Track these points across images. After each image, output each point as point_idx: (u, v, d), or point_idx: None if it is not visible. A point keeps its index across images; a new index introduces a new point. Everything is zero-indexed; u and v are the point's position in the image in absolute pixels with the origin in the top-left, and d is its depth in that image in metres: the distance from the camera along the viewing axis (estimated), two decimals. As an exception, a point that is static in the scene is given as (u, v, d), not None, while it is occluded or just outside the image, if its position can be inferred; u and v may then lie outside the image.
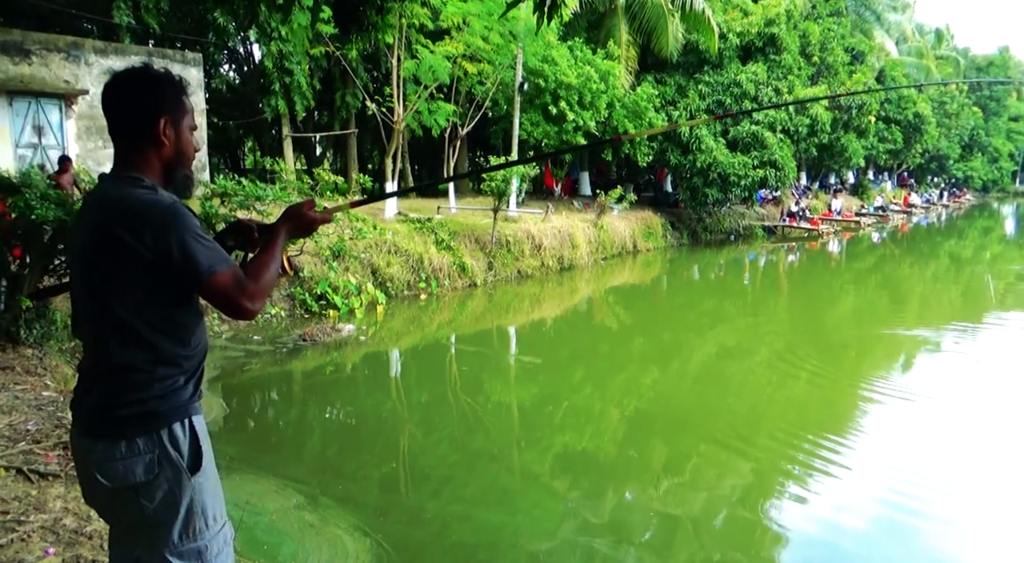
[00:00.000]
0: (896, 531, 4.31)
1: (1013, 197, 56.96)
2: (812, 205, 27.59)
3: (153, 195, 1.58)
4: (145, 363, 1.60)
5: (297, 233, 1.87)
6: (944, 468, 5.19)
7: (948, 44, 49.70)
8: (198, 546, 1.64)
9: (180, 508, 1.61)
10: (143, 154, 1.64)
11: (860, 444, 5.66)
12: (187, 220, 1.56)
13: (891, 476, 5.00)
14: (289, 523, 3.93)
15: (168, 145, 1.66)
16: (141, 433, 1.59)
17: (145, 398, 1.59)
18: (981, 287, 15.20)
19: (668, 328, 10.79)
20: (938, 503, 4.62)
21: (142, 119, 1.63)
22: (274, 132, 20.52)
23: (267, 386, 7.25)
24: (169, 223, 1.53)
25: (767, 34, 20.02)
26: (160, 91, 1.66)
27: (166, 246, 1.52)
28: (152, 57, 13.93)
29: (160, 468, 1.59)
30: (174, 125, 1.66)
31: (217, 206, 9.04)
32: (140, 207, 1.54)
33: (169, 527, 1.61)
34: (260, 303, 1.61)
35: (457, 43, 13.84)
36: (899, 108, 30.48)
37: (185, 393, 1.65)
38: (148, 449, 1.59)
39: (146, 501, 1.59)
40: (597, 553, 4.05)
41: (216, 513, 1.69)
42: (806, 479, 4.94)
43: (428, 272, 11.54)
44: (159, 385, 1.61)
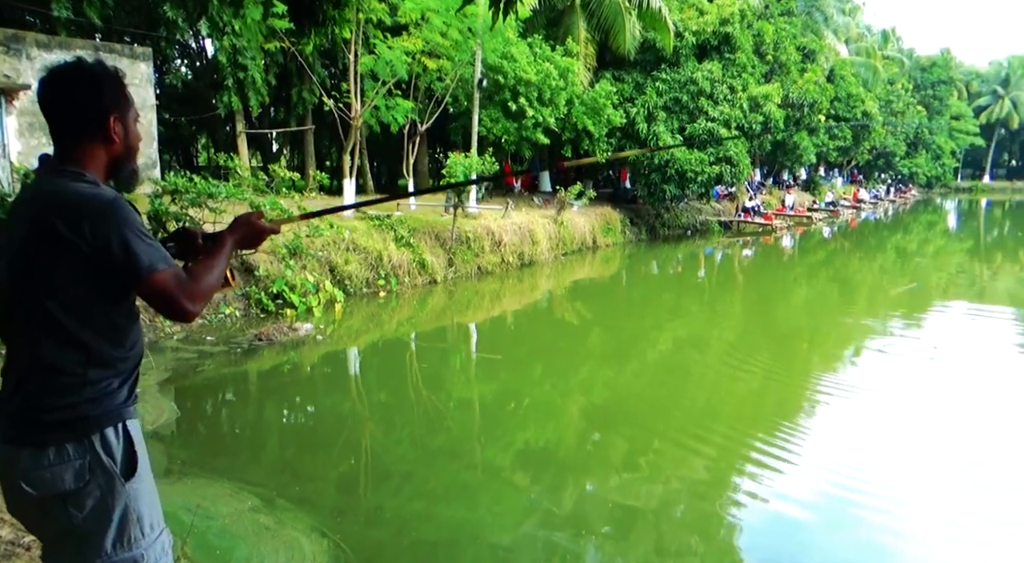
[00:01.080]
0: (842, 520, 4.44)
1: (955, 193, 59.26)
2: (766, 201, 28.26)
3: (94, 189, 1.54)
4: (77, 364, 1.54)
5: (245, 243, 1.83)
6: (888, 459, 5.35)
7: (894, 45, 51.37)
8: (133, 555, 1.59)
9: (113, 516, 1.56)
10: (88, 150, 1.61)
11: (811, 436, 5.82)
12: (129, 215, 1.52)
13: (839, 467, 5.14)
14: (243, 527, 3.86)
15: (118, 141, 1.64)
16: (70, 439, 1.53)
17: (76, 402, 1.53)
18: (926, 279, 15.77)
19: (627, 323, 10.92)
20: (882, 493, 4.77)
21: (90, 116, 1.60)
22: (228, 128, 20.08)
23: (221, 387, 7.09)
24: (110, 217, 1.49)
25: (722, 33, 20.39)
26: (106, 87, 1.63)
27: (106, 241, 1.48)
28: (99, 51, 13.46)
29: (91, 475, 1.53)
30: (122, 121, 1.65)
31: (168, 204, 8.82)
32: (80, 200, 1.50)
33: (101, 536, 1.55)
34: (200, 305, 1.56)
35: (415, 39, 13.73)
36: (848, 107, 31.38)
37: (119, 397, 1.60)
38: (78, 455, 1.53)
39: (75, 510, 1.53)
40: (558, 546, 4.08)
41: (153, 521, 1.63)
42: (759, 471, 5.06)
43: (387, 269, 11.44)
44: (91, 388, 1.55)
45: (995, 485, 4.91)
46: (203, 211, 8.92)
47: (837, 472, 5.03)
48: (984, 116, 59.83)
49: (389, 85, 13.86)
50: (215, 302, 9.10)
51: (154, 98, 14.78)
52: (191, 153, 25.30)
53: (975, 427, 6.00)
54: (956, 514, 4.48)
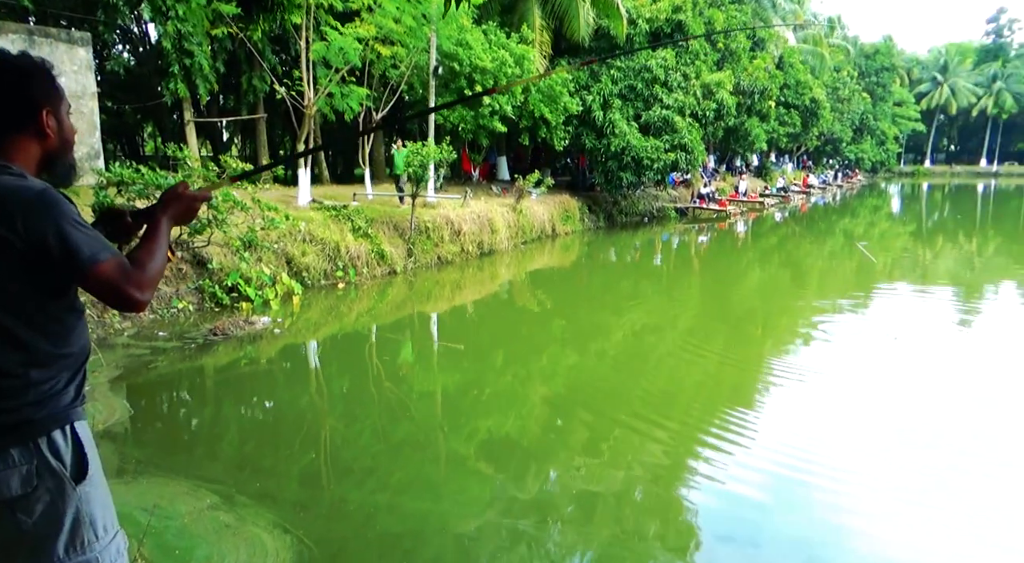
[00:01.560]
0: (796, 499, 4.60)
1: (898, 177, 61.43)
2: (720, 187, 28.80)
3: (22, 181, 1.48)
4: (18, 366, 1.48)
5: (180, 218, 1.74)
6: (840, 440, 5.55)
7: (840, 32, 52.71)
8: (87, 558, 1.56)
9: (64, 520, 1.52)
10: (19, 144, 1.56)
11: (765, 418, 5.99)
12: (63, 206, 1.47)
13: (792, 449, 5.31)
14: (203, 525, 3.78)
15: (52, 136, 1.59)
16: (15, 443, 1.48)
17: (18, 405, 1.48)
18: (871, 261, 16.33)
19: (587, 310, 11.03)
20: (834, 473, 4.95)
21: (21, 112, 1.55)
22: (176, 117, 19.46)
23: (176, 384, 6.91)
24: (43, 210, 1.44)
25: (675, 20, 20.59)
26: (37, 82, 1.58)
27: (41, 234, 1.42)
28: (33, 35, 12.85)
29: (39, 479, 1.49)
30: (55, 114, 1.60)
31: (114, 196, 8.52)
32: (8, 194, 1.44)
33: (52, 541, 1.52)
34: (149, 293, 1.50)
35: (368, 25, 13.49)
36: (797, 94, 32.14)
37: (65, 397, 1.55)
38: (24, 460, 1.48)
39: (24, 516, 1.49)
40: (522, 533, 4.12)
41: (106, 523, 1.60)
42: (716, 453, 5.19)
43: (345, 261, 11.30)
44: (34, 390, 1.50)
45: (945, 463, 5.15)
46: (151, 203, 8.63)
47: (791, 453, 5.19)
48: (924, 102, 62.12)
49: (343, 72, 13.60)
50: (167, 296, 8.85)
51: (95, 85, 14.20)
52: (137, 142, 24.41)
53: (925, 407, 6.26)
54: (907, 492, 4.67)
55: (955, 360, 7.77)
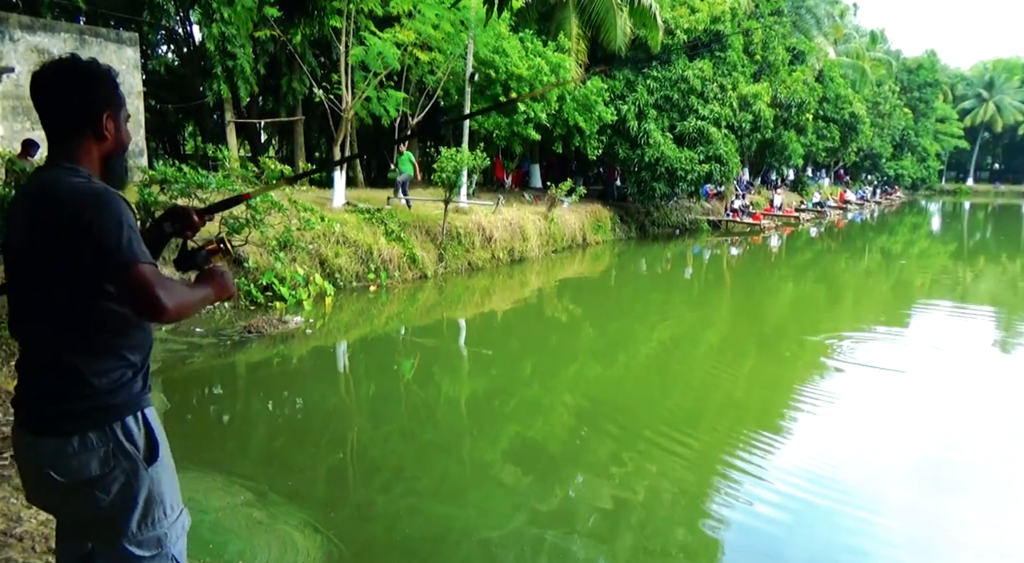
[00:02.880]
0: (822, 522, 4.50)
1: (939, 195, 59.96)
2: (754, 201, 28.44)
3: (87, 183, 1.59)
4: (92, 357, 1.60)
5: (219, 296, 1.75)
6: (868, 467, 5.41)
7: (882, 46, 51.79)
8: (157, 534, 1.67)
9: (138, 499, 1.63)
10: (83, 146, 1.65)
11: (793, 438, 5.88)
12: (120, 207, 1.55)
13: (821, 469, 5.20)
14: (236, 521, 3.84)
15: (110, 139, 1.69)
16: (92, 428, 1.59)
17: (94, 393, 1.59)
18: (910, 281, 15.97)
19: (616, 321, 10.97)
20: (861, 497, 4.85)
21: (85, 114, 1.65)
22: (216, 117, 19.90)
23: (210, 380, 7.05)
24: (101, 209, 1.52)
25: (713, 31, 20.45)
26: (103, 87, 1.68)
27: (98, 231, 1.51)
28: (84, 35, 13.27)
29: (115, 461, 1.61)
30: (115, 119, 1.69)
31: (157, 193, 8.73)
32: (76, 194, 1.55)
33: (127, 518, 1.63)
34: (175, 308, 1.51)
35: (407, 31, 13.65)
36: (836, 108, 31.63)
37: (134, 386, 1.66)
38: (101, 443, 1.60)
39: (102, 494, 1.60)
40: (545, 543, 4.11)
41: (173, 502, 1.72)
42: (743, 471, 5.11)
43: (378, 263, 11.41)
44: (107, 379, 1.60)
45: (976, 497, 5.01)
46: (192, 201, 8.83)
47: (816, 477, 5.08)
48: (968, 119, 60.64)
49: (381, 77, 13.77)
50: (203, 293, 9.02)
51: (141, 85, 14.59)
52: (178, 141, 25.01)
53: (958, 436, 6.08)
54: (936, 523, 4.55)
55: (994, 388, 7.55)
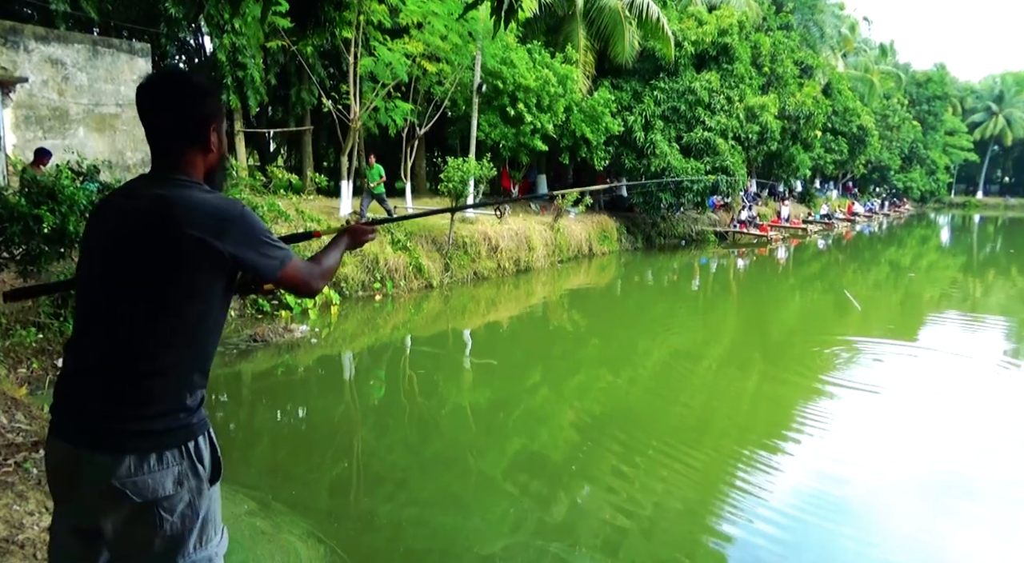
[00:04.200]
0: (828, 539, 4.46)
1: (948, 208, 59.65)
2: (762, 212, 28.38)
3: (225, 199, 1.65)
4: (187, 374, 1.60)
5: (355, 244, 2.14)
6: (874, 482, 5.36)
7: (890, 59, 51.79)
8: (208, 554, 1.67)
9: (198, 518, 1.63)
10: (190, 158, 1.69)
11: (800, 451, 5.83)
12: (257, 220, 1.66)
13: (825, 488, 5.16)
14: (240, 530, 3.83)
15: (215, 152, 1.74)
16: (171, 446, 1.58)
17: (179, 410, 1.59)
18: (919, 294, 15.87)
19: (622, 332, 10.94)
20: (867, 516, 4.79)
21: (198, 127, 1.69)
22: (225, 127, 20.01)
23: (216, 388, 7.05)
24: (248, 225, 1.61)
25: (720, 43, 20.50)
26: (212, 100, 1.73)
27: (244, 248, 1.59)
28: (97, 46, 13.42)
29: (186, 480, 1.60)
30: (219, 132, 1.74)
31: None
32: (219, 210, 1.59)
33: (187, 537, 1.62)
34: (323, 283, 1.85)
35: (416, 42, 13.74)
36: (845, 120, 31.60)
37: (203, 408, 1.68)
38: (176, 461, 1.58)
39: (167, 514, 1.58)
40: (550, 555, 4.07)
41: (219, 521, 1.72)
42: (748, 485, 5.06)
43: (384, 273, 11.43)
44: (192, 396, 1.62)
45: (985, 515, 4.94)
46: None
47: (823, 492, 5.04)
48: (978, 132, 60.41)
49: (389, 87, 13.86)
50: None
51: (152, 95, 14.71)
52: (188, 150, 25.16)
53: (969, 448, 6.02)
54: (940, 539, 4.50)
55: (1004, 404, 7.47)
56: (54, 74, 12.63)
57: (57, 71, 12.71)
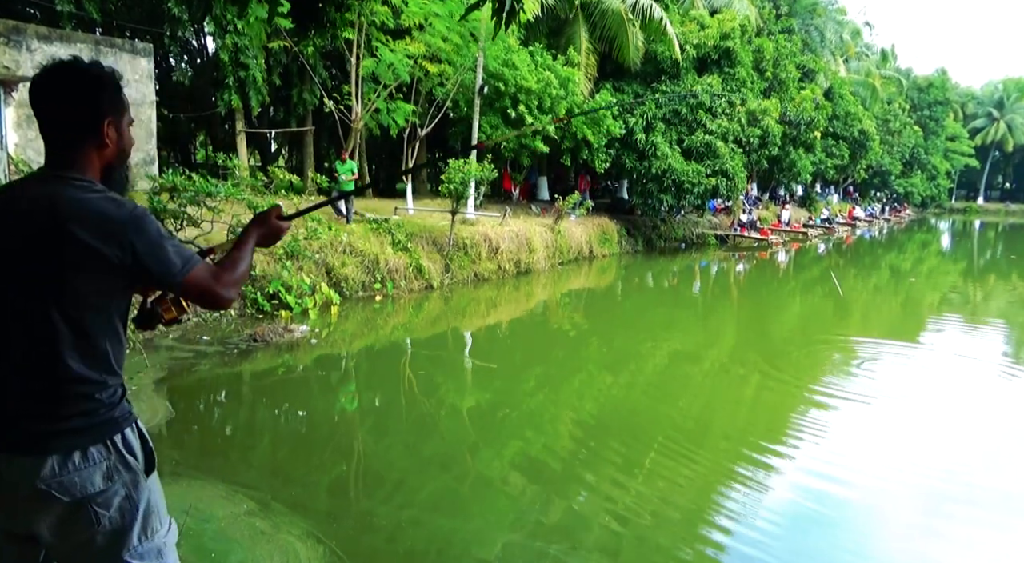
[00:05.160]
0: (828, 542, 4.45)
1: (949, 213, 59.67)
2: (762, 216, 28.39)
3: (114, 200, 1.55)
4: (98, 371, 1.57)
5: (266, 240, 1.87)
6: (877, 481, 5.36)
7: (892, 64, 51.82)
8: (156, 544, 1.66)
9: (139, 510, 1.62)
10: (83, 153, 1.59)
11: (800, 454, 5.82)
12: (154, 222, 1.57)
13: (826, 489, 5.16)
14: (239, 530, 3.82)
15: (111, 146, 1.63)
16: (95, 441, 1.56)
17: (96, 407, 1.57)
18: (919, 299, 15.87)
19: (622, 335, 10.93)
20: (869, 516, 4.79)
21: (86, 120, 1.59)
22: (227, 127, 20.06)
23: (216, 388, 7.05)
24: (138, 227, 1.52)
25: (722, 47, 20.53)
26: (105, 92, 1.61)
27: (138, 251, 1.51)
28: (100, 45, 13.44)
29: (118, 474, 1.58)
30: (117, 126, 1.63)
31: (166, 201, 8.78)
32: (105, 212, 1.51)
33: (129, 530, 1.61)
34: (235, 292, 1.65)
35: (418, 43, 13.76)
36: (846, 125, 31.61)
37: (125, 401, 1.66)
38: (103, 457, 1.57)
39: (103, 509, 1.57)
40: (549, 557, 4.07)
41: (164, 512, 1.71)
42: (749, 487, 5.06)
43: (384, 273, 11.43)
44: (108, 392, 1.59)
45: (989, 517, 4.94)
46: (201, 210, 8.89)
47: (824, 492, 5.04)
48: (979, 138, 60.40)
49: (391, 88, 13.87)
50: (210, 301, 9.06)
51: (154, 94, 14.75)
52: (189, 150, 25.24)
53: (971, 453, 6.02)
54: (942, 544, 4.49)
55: (1007, 410, 7.46)
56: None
57: (59, 70, 12.71)
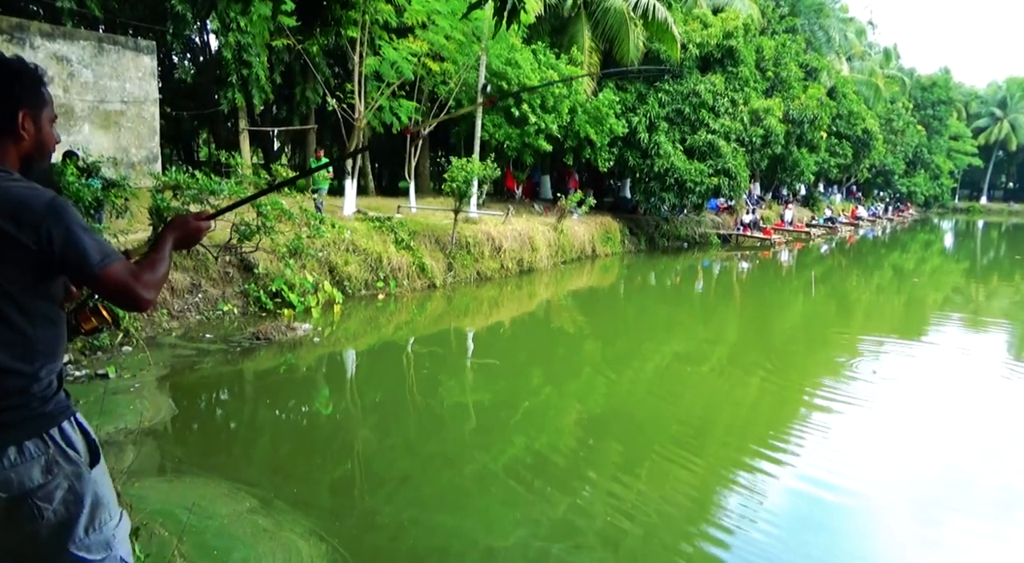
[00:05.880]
0: (831, 542, 4.45)
1: (952, 213, 59.52)
2: (765, 215, 28.34)
3: (33, 188, 1.54)
4: (27, 363, 1.55)
5: (183, 243, 1.85)
6: (881, 480, 5.36)
7: (895, 63, 51.70)
8: (105, 536, 1.64)
9: (84, 503, 1.60)
10: (1, 146, 1.59)
11: (804, 451, 5.82)
12: (73, 212, 1.55)
13: (829, 487, 5.15)
14: (241, 527, 3.83)
15: (28, 139, 1.62)
16: (30, 436, 1.55)
17: (27, 401, 1.55)
18: (923, 298, 15.83)
19: (624, 333, 10.93)
20: (874, 515, 4.78)
21: (4, 113, 1.58)
22: (230, 125, 20.07)
23: (218, 386, 7.06)
24: (55, 217, 1.51)
25: (725, 46, 20.49)
26: (18, 84, 1.61)
27: (54, 239, 1.49)
28: (103, 43, 13.46)
29: (58, 467, 1.57)
30: (34, 119, 1.63)
31: (169, 199, 8.80)
32: (22, 199, 1.50)
33: (74, 523, 1.59)
34: (154, 293, 1.60)
35: (421, 41, 13.76)
36: (849, 124, 31.54)
37: (61, 394, 1.64)
38: (40, 451, 1.56)
39: (44, 503, 1.56)
40: (550, 556, 4.07)
41: (113, 504, 1.69)
42: (752, 485, 5.07)
43: (387, 272, 11.43)
44: (39, 386, 1.57)
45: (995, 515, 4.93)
46: (205, 207, 8.89)
47: (827, 491, 5.04)
48: (983, 137, 60.24)
49: (394, 86, 13.87)
50: (214, 298, 9.08)
51: (157, 92, 14.76)
52: (192, 148, 25.26)
53: (976, 454, 6.01)
54: (946, 546, 4.48)
55: (1008, 404, 7.45)
56: (60, 71, 12.66)
57: (63, 68, 12.74)
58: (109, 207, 7.68)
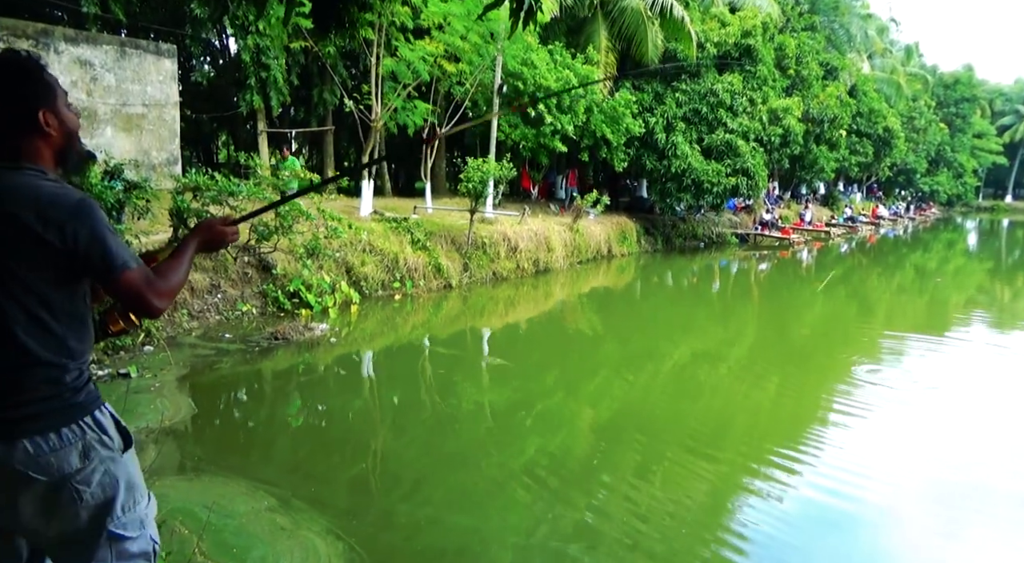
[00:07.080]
0: (851, 549, 4.39)
1: (976, 212, 58.57)
2: (784, 214, 28.08)
3: (64, 188, 1.59)
4: (55, 357, 1.60)
5: (208, 247, 1.90)
6: (902, 486, 5.28)
7: (917, 61, 50.98)
8: (139, 515, 1.72)
9: (120, 484, 1.67)
10: (31, 145, 1.63)
11: (822, 458, 5.75)
12: (100, 213, 1.59)
13: (848, 493, 5.08)
14: (260, 526, 3.87)
15: (56, 134, 1.65)
16: (66, 423, 1.61)
17: (60, 392, 1.61)
18: (945, 299, 15.59)
19: (640, 334, 10.88)
20: (894, 522, 4.72)
21: (21, 115, 1.61)
22: (249, 127, 20.26)
23: (237, 385, 7.14)
24: (83, 216, 1.55)
25: (744, 45, 20.33)
26: (30, 83, 1.63)
27: (79, 238, 1.53)
28: (125, 47, 13.65)
29: (95, 452, 1.64)
30: (54, 113, 1.65)
31: (189, 200, 8.90)
32: (52, 198, 1.54)
33: (111, 503, 1.66)
34: (167, 302, 1.65)
35: (437, 43, 13.80)
36: (870, 122, 31.16)
37: (91, 385, 1.70)
38: (77, 437, 1.62)
39: (84, 486, 1.62)
40: (567, 557, 4.06)
41: (143, 486, 1.78)
42: (772, 488, 5.02)
43: (403, 272, 11.48)
44: (70, 377, 1.63)
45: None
46: (224, 209, 9.00)
47: (846, 496, 4.97)
48: (1008, 135, 59.22)
49: (410, 88, 13.92)
50: (232, 299, 9.18)
51: (177, 95, 14.95)
52: (212, 150, 25.56)
53: (1002, 459, 5.91)
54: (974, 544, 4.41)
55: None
56: (83, 75, 12.87)
57: (86, 72, 12.95)
58: (130, 208, 7.79)
